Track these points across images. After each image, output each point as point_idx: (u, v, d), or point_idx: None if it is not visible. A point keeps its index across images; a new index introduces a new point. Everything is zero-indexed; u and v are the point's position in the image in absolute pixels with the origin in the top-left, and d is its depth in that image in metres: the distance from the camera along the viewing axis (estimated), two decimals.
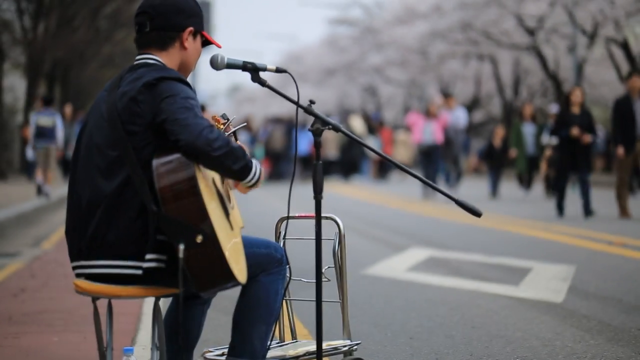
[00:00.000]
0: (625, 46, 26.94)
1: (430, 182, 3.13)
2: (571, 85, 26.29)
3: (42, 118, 14.28)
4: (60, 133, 14.55)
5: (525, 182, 16.22)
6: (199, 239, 2.67)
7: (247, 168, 2.76)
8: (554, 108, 17.72)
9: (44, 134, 14.14)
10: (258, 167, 2.80)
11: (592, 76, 32.61)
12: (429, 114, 15.77)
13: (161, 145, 2.74)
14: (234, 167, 2.73)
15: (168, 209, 2.68)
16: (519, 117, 16.61)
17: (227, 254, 2.71)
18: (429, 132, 15.61)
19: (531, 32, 29.08)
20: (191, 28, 2.92)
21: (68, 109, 17.88)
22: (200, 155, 2.68)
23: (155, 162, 2.71)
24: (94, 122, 2.87)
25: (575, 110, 11.40)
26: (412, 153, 24.49)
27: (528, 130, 15.95)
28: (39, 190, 13.88)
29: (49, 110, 14.49)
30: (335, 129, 2.99)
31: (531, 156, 15.94)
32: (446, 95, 16.53)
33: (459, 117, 15.84)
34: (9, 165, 21.95)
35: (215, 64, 2.99)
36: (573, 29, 26.86)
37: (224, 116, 3.08)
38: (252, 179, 2.78)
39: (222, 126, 3.03)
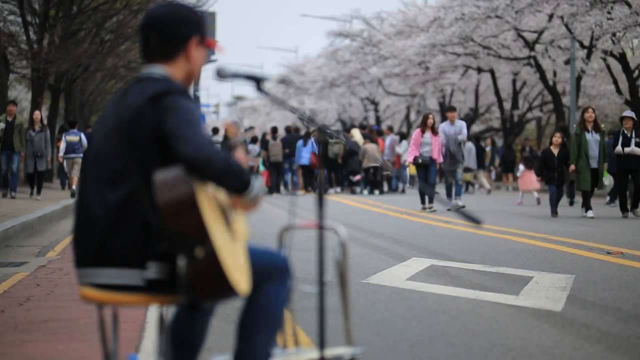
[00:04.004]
0: (622, 59, 27.03)
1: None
2: (568, 97, 26.29)
3: (70, 136, 18.83)
4: (84, 147, 18.59)
5: (587, 200, 13.72)
6: (199, 252, 2.69)
7: (245, 184, 2.79)
8: (628, 113, 14.72)
9: (72, 148, 18.61)
10: (257, 184, 2.82)
11: (590, 88, 32.70)
12: (427, 130, 15.87)
13: (165, 158, 2.78)
14: (232, 183, 2.76)
15: (168, 221, 2.70)
16: (581, 124, 13.93)
17: (228, 266, 2.73)
18: (427, 147, 15.70)
19: (530, 45, 29.17)
20: (195, 37, 2.94)
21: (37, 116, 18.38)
22: (199, 169, 2.72)
23: (156, 175, 2.74)
24: (101, 133, 2.91)
25: None
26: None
27: (592, 139, 13.64)
28: (73, 194, 17.82)
29: (75, 130, 19.08)
30: (329, 137, 3.05)
31: (595, 170, 13.64)
32: (451, 109, 16.44)
33: (460, 130, 15.88)
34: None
35: (220, 74, 3.01)
36: (571, 42, 26.94)
37: (236, 123, 3.12)
38: (249, 194, 2.81)
39: (235, 133, 3.07)
